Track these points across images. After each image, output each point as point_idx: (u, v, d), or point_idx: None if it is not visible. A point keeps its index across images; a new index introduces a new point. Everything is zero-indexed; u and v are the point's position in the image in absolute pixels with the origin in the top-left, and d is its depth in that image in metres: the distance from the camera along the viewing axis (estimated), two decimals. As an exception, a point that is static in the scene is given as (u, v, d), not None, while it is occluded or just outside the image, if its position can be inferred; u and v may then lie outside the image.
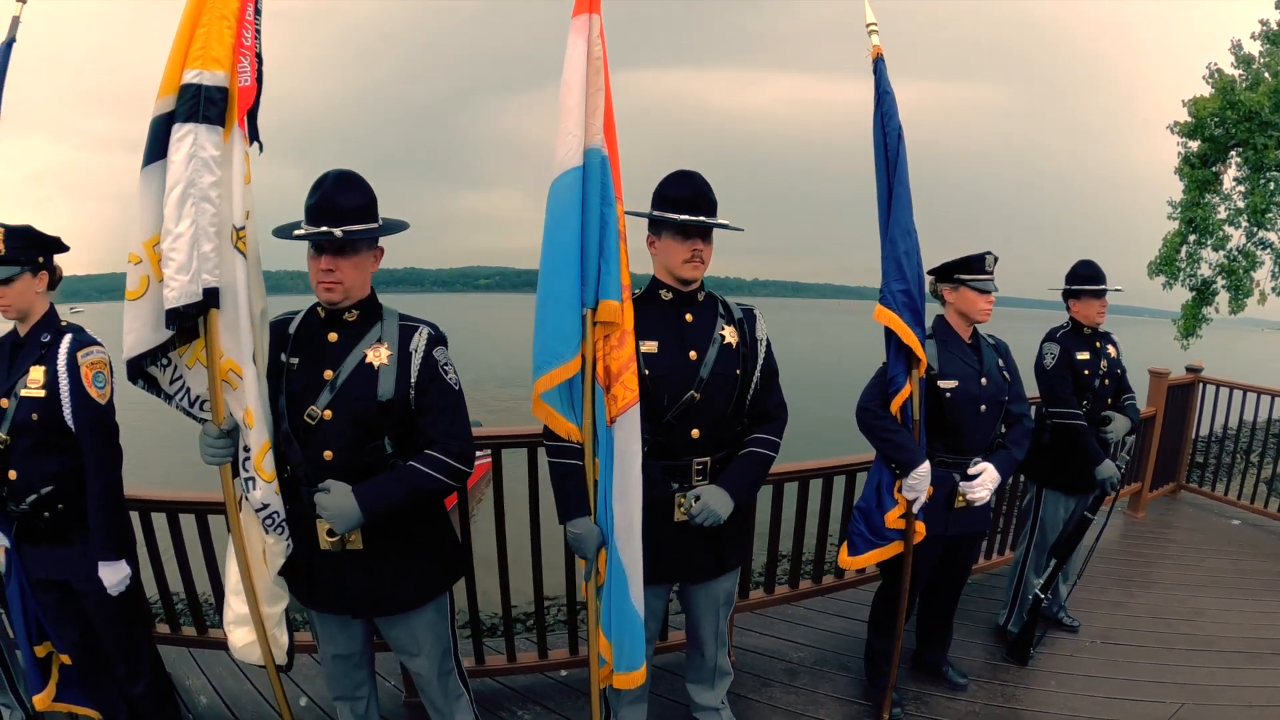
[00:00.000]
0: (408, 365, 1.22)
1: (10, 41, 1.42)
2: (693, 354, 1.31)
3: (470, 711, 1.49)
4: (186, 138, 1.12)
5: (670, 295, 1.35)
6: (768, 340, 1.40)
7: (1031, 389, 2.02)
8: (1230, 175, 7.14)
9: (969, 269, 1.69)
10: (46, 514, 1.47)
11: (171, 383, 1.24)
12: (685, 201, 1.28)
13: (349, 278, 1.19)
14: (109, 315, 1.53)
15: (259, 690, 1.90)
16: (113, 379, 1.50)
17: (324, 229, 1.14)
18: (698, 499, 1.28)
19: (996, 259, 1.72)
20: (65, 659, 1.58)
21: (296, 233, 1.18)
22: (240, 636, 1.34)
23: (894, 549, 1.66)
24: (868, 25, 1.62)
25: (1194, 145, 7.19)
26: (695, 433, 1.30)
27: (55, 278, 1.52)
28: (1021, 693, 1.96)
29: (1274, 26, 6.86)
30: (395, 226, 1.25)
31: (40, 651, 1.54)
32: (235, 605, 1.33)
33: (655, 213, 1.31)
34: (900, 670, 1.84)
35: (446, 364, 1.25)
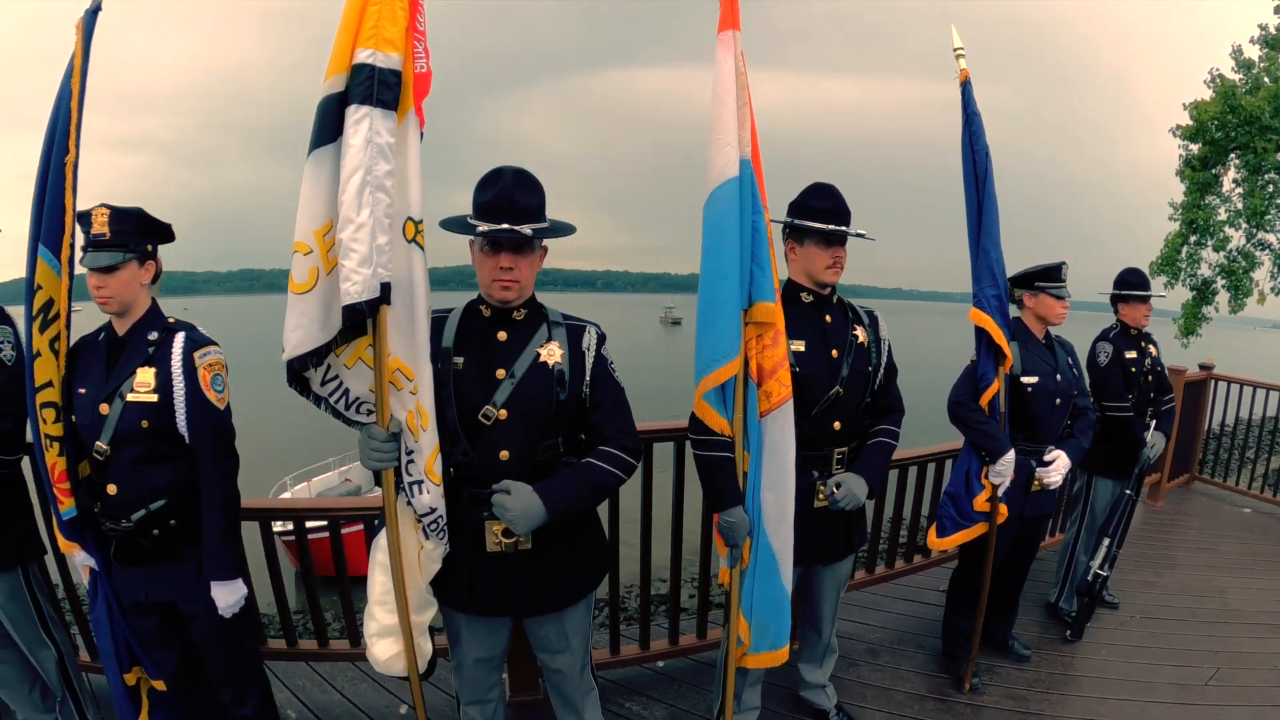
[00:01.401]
0: (581, 364, 1.27)
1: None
2: (834, 352, 1.49)
3: (599, 706, 1.53)
4: (363, 121, 1.06)
5: (810, 298, 1.52)
6: (889, 340, 1.61)
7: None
8: (1230, 177, 7.64)
9: (1048, 277, 1.94)
10: (155, 531, 1.39)
11: (324, 383, 1.14)
12: (829, 212, 1.45)
13: (525, 276, 1.22)
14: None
15: (349, 699, 1.96)
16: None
17: (506, 226, 1.15)
18: (839, 486, 1.47)
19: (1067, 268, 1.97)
20: (159, 685, 1.51)
21: (482, 228, 1.16)
22: (384, 649, 1.29)
23: (978, 530, 1.90)
24: (955, 50, 1.83)
25: (1195, 148, 7.67)
26: (837, 425, 1.50)
27: (158, 270, 1.43)
28: (1079, 662, 2.23)
29: (1273, 31, 7.32)
30: (566, 228, 1.26)
31: (130, 679, 1.48)
32: (381, 616, 1.28)
33: (802, 221, 1.47)
34: (967, 644, 2.09)
35: (612, 362, 1.31)
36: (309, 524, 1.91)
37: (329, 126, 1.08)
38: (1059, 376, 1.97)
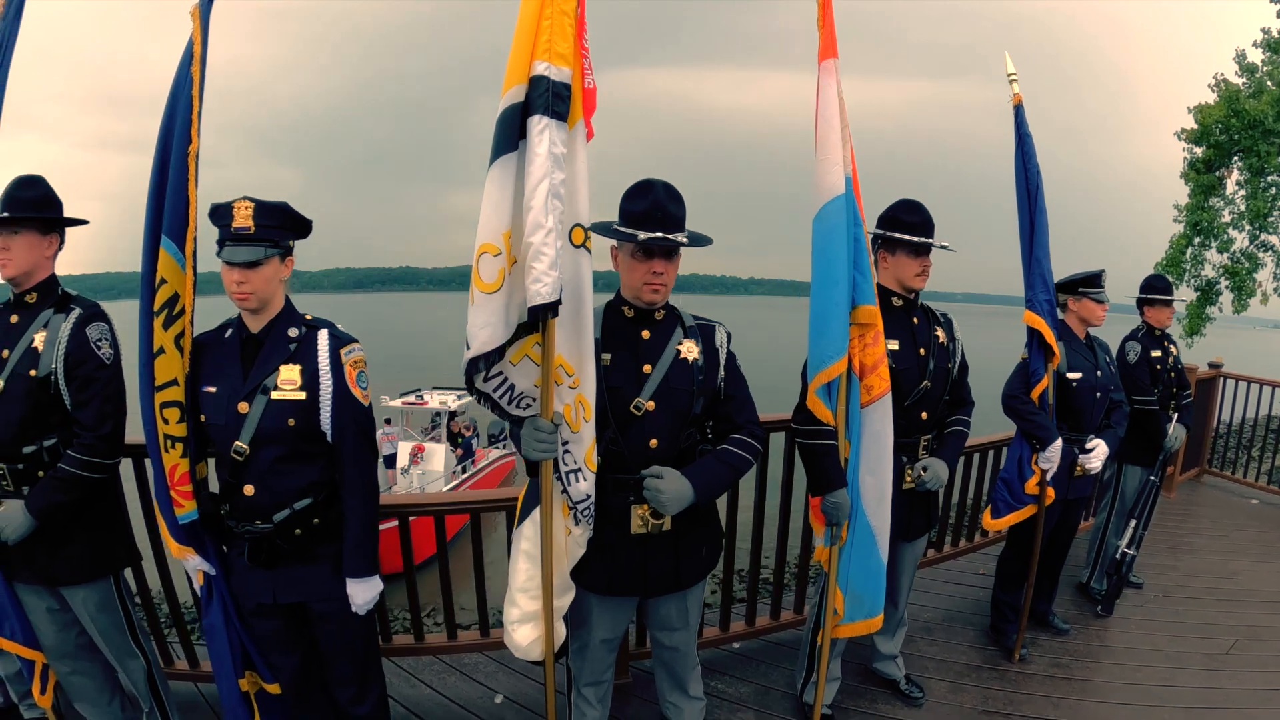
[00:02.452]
0: (716, 359, 1.43)
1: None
2: (922, 351, 1.73)
3: (701, 682, 1.68)
4: (545, 131, 1.13)
5: (900, 302, 1.76)
6: (961, 340, 1.86)
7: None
8: (1233, 180, 8.05)
9: (1090, 283, 2.22)
10: (298, 531, 1.40)
11: (488, 379, 1.23)
12: (919, 226, 1.69)
13: (671, 281, 1.36)
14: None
15: (440, 692, 2.07)
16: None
17: (660, 234, 1.29)
18: (925, 469, 1.72)
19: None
20: (274, 689, 1.53)
21: (643, 235, 1.28)
22: (525, 634, 1.37)
23: (1028, 511, 2.17)
24: (1009, 75, 2.09)
25: (1199, 151, 8.08)
26: (924, 415, 1.74)
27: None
28: (1112, 635, 2.51)
29: (1275, 34, 7.69)
30: (706, 239, 1.39)
31: (244, 685, 1.50)
32: (523, 603, 1.36)
33: (895, 234, 1.69)
34: (1015, 618, 2.36)
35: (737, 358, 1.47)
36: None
37: (511, 135, 1.15)
38: (1099, 373, 2.24)
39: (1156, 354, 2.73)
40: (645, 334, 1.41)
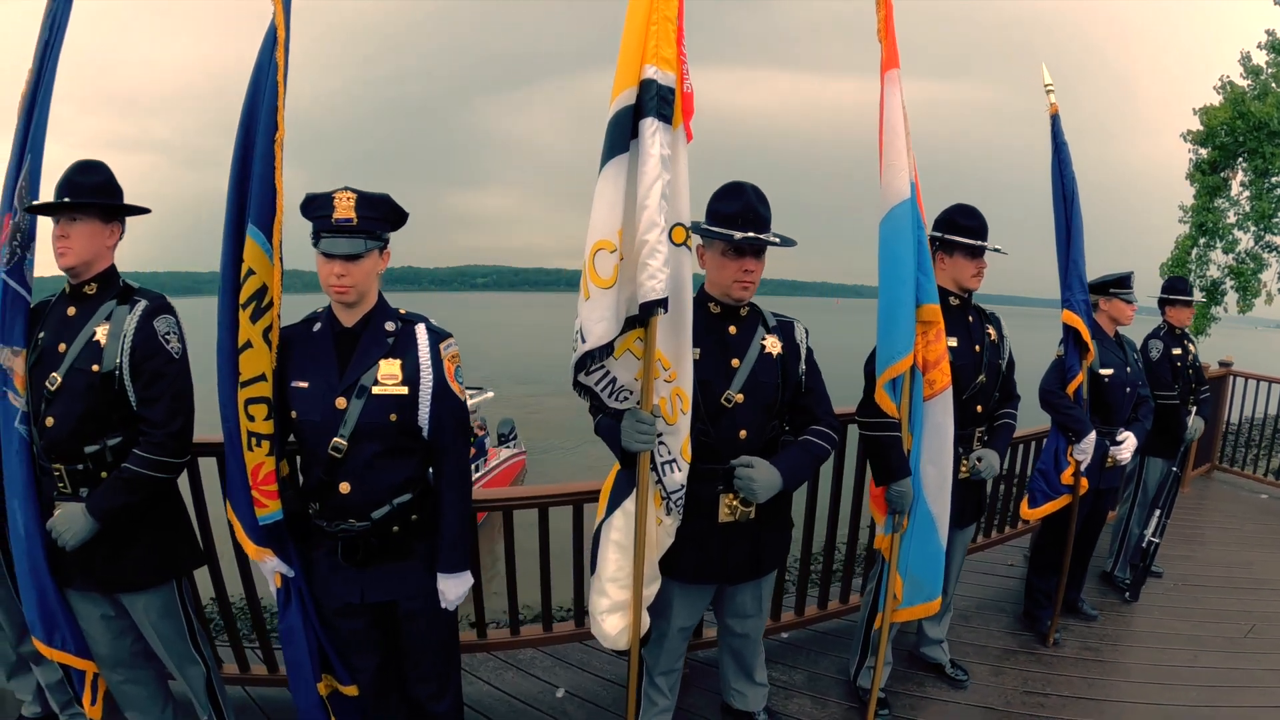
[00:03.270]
0: (797, 354, 1.55)
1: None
2: (977, 348, 1.89)
3: (765, 669, 1.80)
4: (657, 134, 1.20)
5: (957, 302, 1.91)
6: (1010, 339, 2.02)
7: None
8: (1238, 181, 8.35)
9: (1120, 285, 2.40)
10: (395, 528, 1.40)
11: (590, 372, 1.30)
12: (975, 230, 1.83)
13: (759, 279, 1.47)
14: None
15: (499, 688, 2.13)
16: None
17: (753, 235, 1.39)
18: (980, 459, 1.88)
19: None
20: (351, 691, 1.53)
21: (738, 235, 1.38)
22: (613, 624, 1.45)
23: (1063, 501, 2.34)
24: (1045, 86, 2.26)
25: (1204, 153, 8.38)
26: (979, 409, 1.90)
27: None
28: (1137, 620, 2.70)
29: (1279, 36, 8.00)
30: (791, 240, 1.51)
31: (320, 689, 1.49)
32: (613, 593, 1.44)
33: (953, 237, 1.83)
34: (1048, 604, 2.53)
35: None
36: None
37: (624, 136, 1.23)
38: (1129, 369, 2.43)
39: (1177, 351, 2.93)
40: (732, 329, 1.51)
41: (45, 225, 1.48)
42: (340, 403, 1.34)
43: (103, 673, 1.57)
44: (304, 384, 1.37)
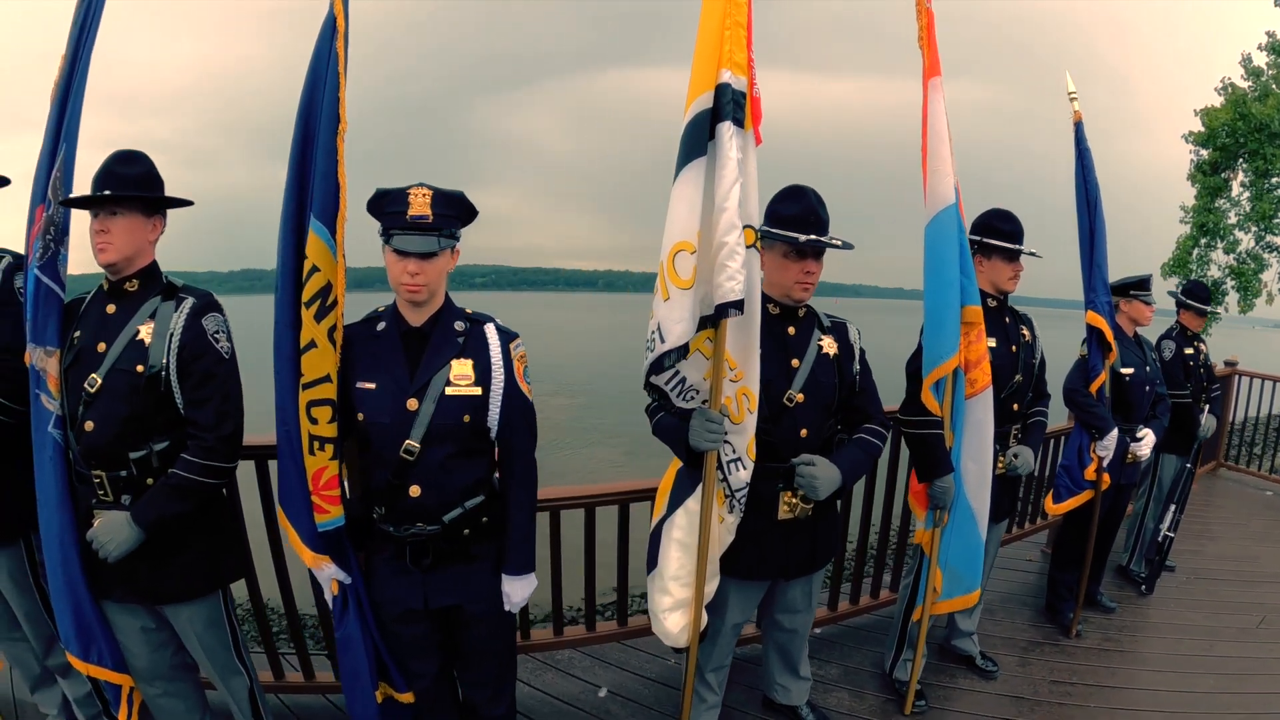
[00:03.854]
0: (851, 354, 1.62)
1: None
2: (1014, 348, 2.00)
3: (808, 663, 1.89)
4: (733, 137, 1.24)
5: (995, 304, 2.01)
6: (1041, 339, 2.13)
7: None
8: (1238, 181, 8.61)
9: (1140, 287, 2.53)
10: (466, 531, 1.39)
11: (661, 371, 1.34)
12: (1014, 234, 1.93)
13: (818, 280, 1.54)
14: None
15: (540, 690, 2.18)
16: None
17: (814, 237, 1.46)
18: (1016, 456, 1.99)
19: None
20: (407, 698, 1.52)
21: (804, 238, 1.45)
22: (675, 622, 1.50)
23: (1085, 496, 2.47)
24: (1069, 94, 2.38)
25: (1205, 153, 8.62)
26: (1015, 407, 2.01)
27: None
28: (1154, 612, 2.84)
29: (1279, 37, 8.23)
30: (848, 244, 1.56)
31: (376, 697, 1.48)
32: (675, 591, 1.49)
33: (991, 241, 1.94)
34: (1070, 597, 2.66)
35: None
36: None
37: (702, 139, 1.26)
38: (1147, 368, 2.56)
39: (1189, 351, 3.08)
40: (791, 330, 1.59)
41: (80, 219, 1.43)
42: (412, 404, 1.32)
43: (139, 686, 1.54)
44: (371, 385, 1.34)
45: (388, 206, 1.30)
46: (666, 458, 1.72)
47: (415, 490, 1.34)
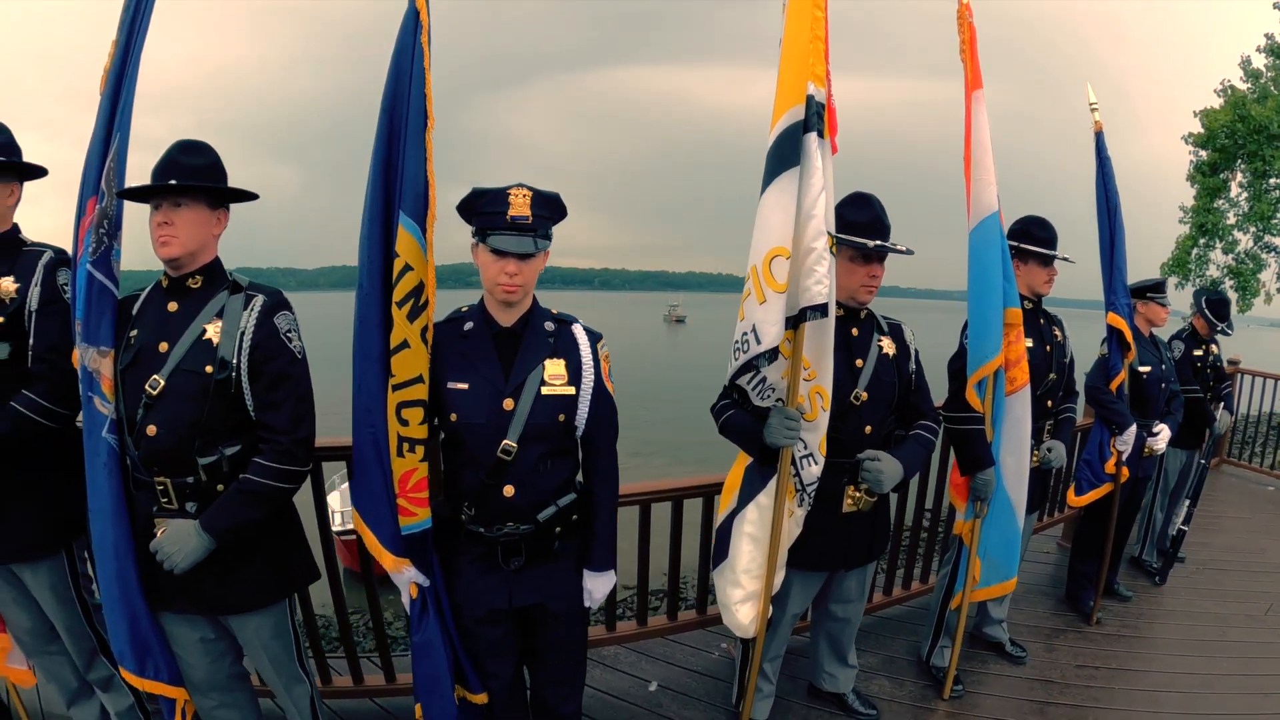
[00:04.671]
0: (908, 354, 1.75)
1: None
2: (1048, 347, 2.17)
3: (855, 651, 2.03)
4: (819, 147, 1.34)
5: (1030, 305, 2.17)
6: (1070, 338, 2.32)
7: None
8: (1237, 182, 8.96)
9: (1156, 289, 2.74)
10: (558, 529, 1.41)
11: (742, 373, 1.46)
12: (1050, 240, 2.10)
13: (880, 282, 1.67)
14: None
15: (589, 685, 2.11)
16: None
17: (880, 242, 1.59)
18: (1050, 450, 2.16)
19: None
20: (481, 699, 1.53)
21: (873, 244, 1.57)
22: (746, 613, 1.62)
23: (1105, 489, 2.66)
24: (1090, 104, 2.57)
25: (1205, 154, 8.97)
26: (1049, 403, 2.18)
27: None
28: (1167, 600, 3.04)
29: (1278, 40, 8.55)
30: (909, 250, 1.68)
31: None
32: (746, 584, 1.61)
33: (1028, 246, 2.10)
34: (1089, 586, 2.85)
35: None
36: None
37: (794, 150, 1.36)
38: (1163, 366, 2.76)
39: (1198, 352, 3.30)
40: (854, 331, 1.70)
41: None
42: (508, 404, 1.34)
43: (194, 698, 1.52)
44: (463, 385, 1.36)
45: (486, 206, 1.32)
46: (669, 458, 1.81)
47: (509, 490, 1.36)
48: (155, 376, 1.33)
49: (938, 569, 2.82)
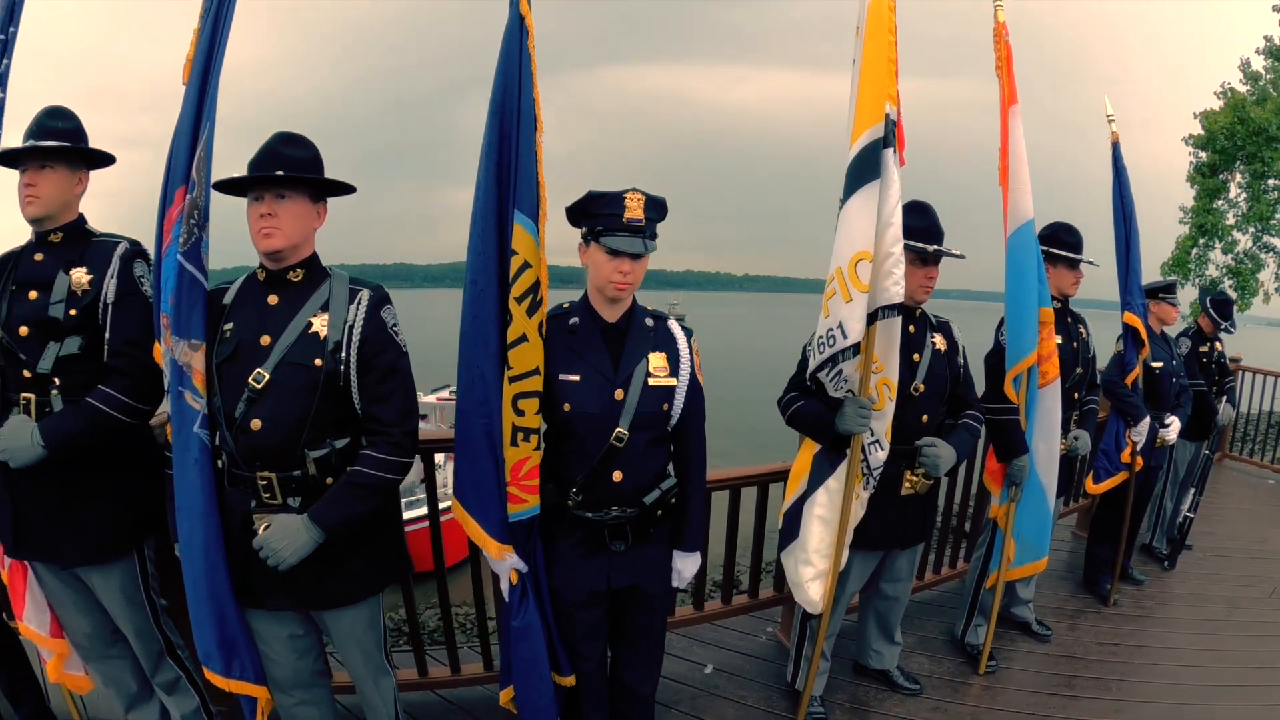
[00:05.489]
0: (956, 349, 1.97)
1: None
2: (1075, 344, 2.41)
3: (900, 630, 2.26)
4: (894, 162, 1.52)
5: (1059, 305, 2.39)
6: (1094, 336, 2.56)
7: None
8: (1236, 183, 9.35)
9: (1168, 290, 3.00)
10: (659, 512, 1.54)
11: (833, 365, 1.63)
12: (1077, 246, 2.33)
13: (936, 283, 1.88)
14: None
15: None
16: None
17: (937, 247, 1.81)
18: (1076, 439, 2.40)
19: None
20: (569, 681, 1.61)
21: (932, 248, 1.79)
22: (816, 590, 1.79)
23: (1121, 477, 2.90)
24: (1107, 116, 2.82)
25: (1204, 156, 9.36)
26: (1075, 395, 2.42)
27: None
28: (1178, 584, 3.30)
29: (1277, 43, 8.93)
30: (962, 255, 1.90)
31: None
32: (817, 562, 1.79)
33: (1058, 251, 2.33)
34: (1106, 569, 3.10)
35: None
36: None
37: (876, 164, 1.53)
38: (1174, 361, 3.02)
39: (1203, 349, 3.57)
40: (911, 328, 1.90)
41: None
42: (619, 394, 1.46)
43: (275, 696, 1.54)
44: (575, 377, 1.47)
45: (602, 209, 1.42)
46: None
47: (618, 475, 1.47)
48: (259, 370, 1.34)
49: (965, 555, 3.07)
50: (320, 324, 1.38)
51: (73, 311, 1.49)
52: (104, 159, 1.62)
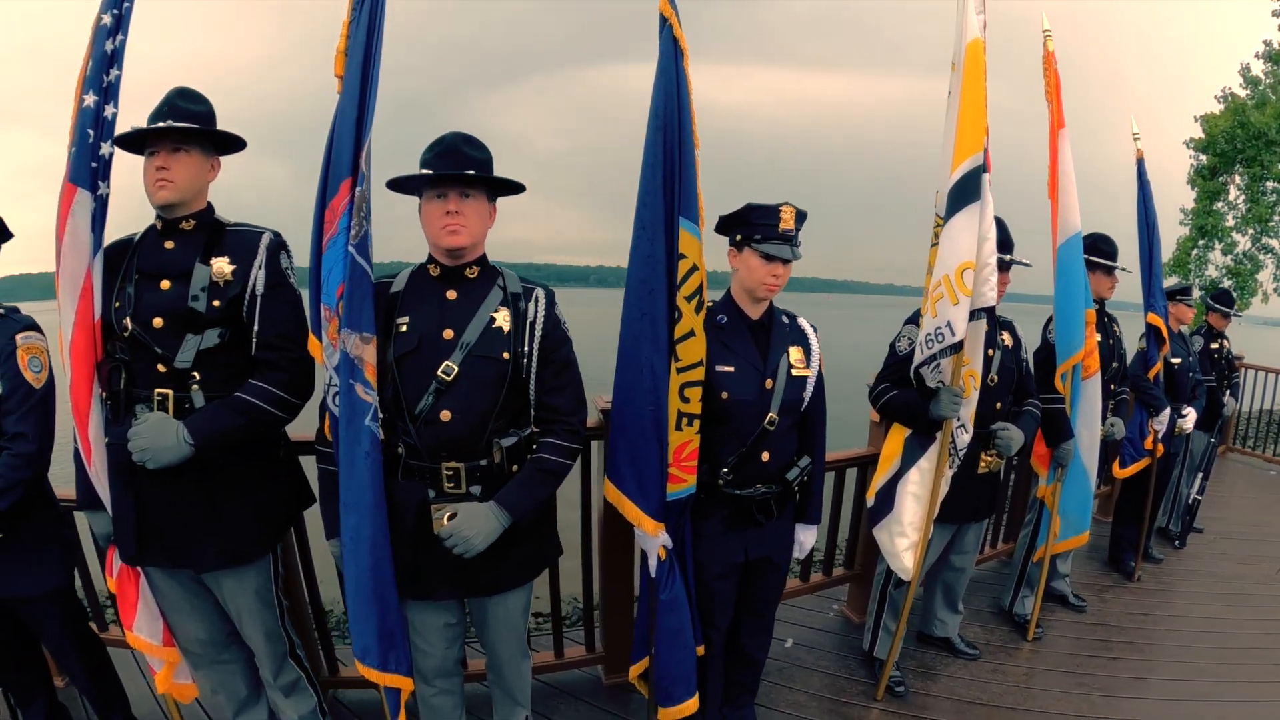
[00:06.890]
0: (1020, 345, 2.31)
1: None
2: (1110, 342, 2.81)
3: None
4: (989, 187, 1.84)
5: (1095, 307, 2.77)
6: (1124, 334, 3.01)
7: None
8: (1236, 186, 9.95)
9: (1184, 293, 3.45)
10: (797, 487, 1.78)
11: (937, 359, 1.93)
12: (1114, 254, 2.75)
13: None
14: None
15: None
16: None
17: (1010, 256, 2.08)
18: (1112, 425, 2.81)
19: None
20: (699, 651, 1.80)
21: (1007, 257, 2.05)
22: (909, 559, 2.08)
23: (1144, 462, 3.34)
24: (1133, 134, 3.25)
25: (1204, 159, 10.01)
26: (1111, 386, 2.83)
27: None
28: (1192, 561, 3.76)
29: (1277, 47, 9.51)
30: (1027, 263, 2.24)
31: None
32: (910, 534, 2.08)
33: (1095, 259, 2.72)
34: (1129, 548, 3.54)
35: None
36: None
37: (976, 187, 1.84)
38: (1190, 358, 3.49)
39: (1215, 346, 4.06)
40: (984, 327, 2.09)
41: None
42: (769, 383, 1.71)
43: (417, 687, 1.60)
44: (730, 368, 1.71)
45: (760, 218, 1.66)
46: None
47: (765, 455, 1.73)
48: (448, 363, 1.42)
49: (1003, 537, 3.49)
50: (503, 319, 1.48)
51: (216, 303, 1.49)
52: (237, 143, 1.61)
